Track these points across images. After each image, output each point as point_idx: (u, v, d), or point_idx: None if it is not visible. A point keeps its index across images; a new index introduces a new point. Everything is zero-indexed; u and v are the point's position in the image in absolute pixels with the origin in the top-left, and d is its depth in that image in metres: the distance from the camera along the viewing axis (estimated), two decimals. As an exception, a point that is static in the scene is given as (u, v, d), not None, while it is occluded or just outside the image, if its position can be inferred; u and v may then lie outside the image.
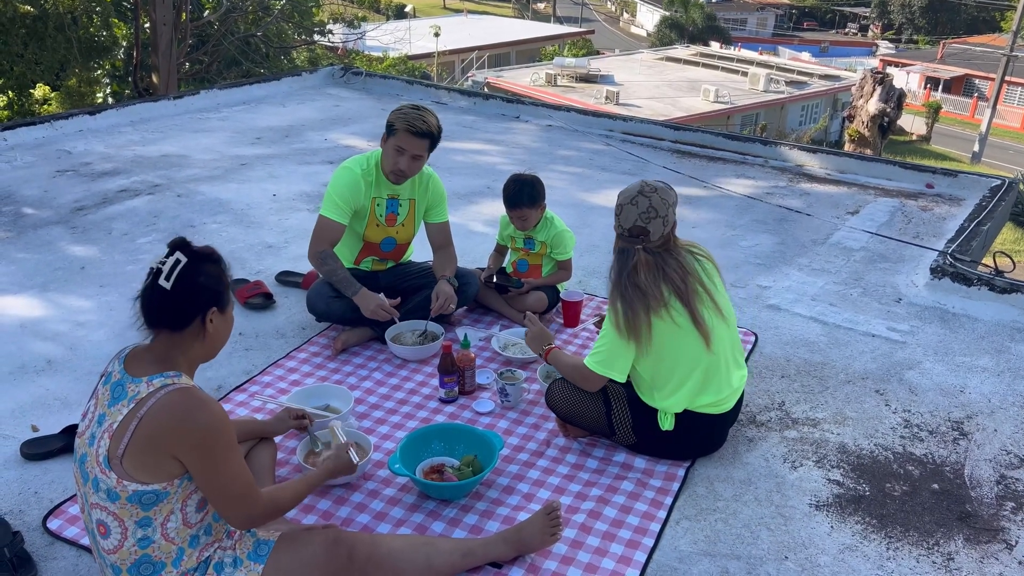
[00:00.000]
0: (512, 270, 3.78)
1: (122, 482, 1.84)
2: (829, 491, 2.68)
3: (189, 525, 1.95)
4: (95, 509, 1.90)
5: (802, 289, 4.08)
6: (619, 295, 2.59)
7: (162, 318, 1.91)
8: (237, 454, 1.93)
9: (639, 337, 2.56)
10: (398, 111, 3.30)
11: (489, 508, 2.56)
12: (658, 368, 2.63)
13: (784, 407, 3.13)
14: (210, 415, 1.86)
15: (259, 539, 2.09)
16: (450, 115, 7.20)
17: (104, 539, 1.91)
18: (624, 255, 2.61)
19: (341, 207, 3.32)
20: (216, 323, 1.97)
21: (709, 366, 2.64)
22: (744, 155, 6.18)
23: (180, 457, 1.85)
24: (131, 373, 1.90)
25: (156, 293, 1.89)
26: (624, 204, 2.61)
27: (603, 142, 6.49)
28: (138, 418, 1.83)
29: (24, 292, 3.88)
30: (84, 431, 1.94)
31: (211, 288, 1.94)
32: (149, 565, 1.92)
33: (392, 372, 3.31)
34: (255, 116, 7.01)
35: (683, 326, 2.58)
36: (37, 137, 6.14)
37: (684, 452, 2.79)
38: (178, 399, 1.85)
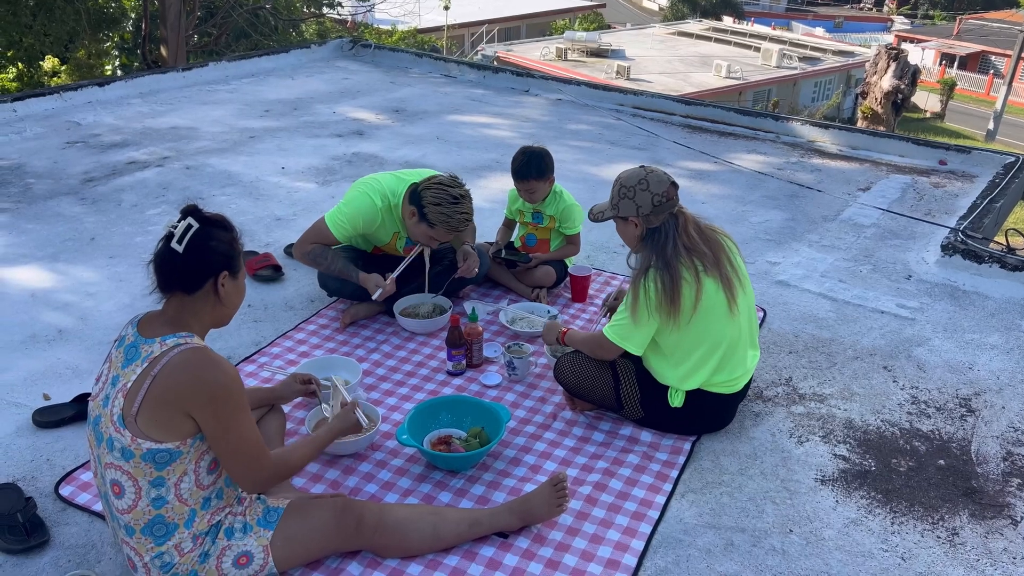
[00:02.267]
0: (520, 244, 3.77)
1: (136, 440, 1.86)
2: (835, 466, 2.68)
3: (202, 487, 1.97)
4: (109, 469, 1.92)
5: (812, 265, 4.06)
6: (664, 270, 2.50)
7: (174, 280, 1.94)
8: (248, 414, 1.95)
9: (678, 308, 2.48)
10: (436, 204, 3.02)
11: (496, 479, 2.58)
12: (683, 341, 2.59)
13: (791, 383, 3.13)
14: (222, 373, 1.89)
15: (268, 506, 2.11)
16: (459, 88, 7.17)
17: (118, 499, 1.93)
18: (663, 228, 2.54)
19: (347, 230, 3.22)
20: (228, 287, 1.98)
21: (732, 340, 2.63)
22: (756, 130, 6.14)
23: (193, 414, 1.87)
24: (144, 335, 1.92)
25: (169, 256, 1.92)
26: (640, 180, 2.56)
27: (613, 116, 6.45)
28: (152, 376, 1.85)
29: (34, 262, 3.90)
30: (98, 394, 1.97)
31: (222, 252, 1.96)
32: (162, 526, 1.95)
33: (400, 345, 3.32)
34: (264, 88, 6.99)
35: (718, 290, 2.56)
36: (46, 108, 6.14)
37: (692, 428, 2.79)
38: (191, 357, 1.87)
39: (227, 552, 2.02)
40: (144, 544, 1.96)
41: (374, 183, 3.23)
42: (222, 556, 2.02)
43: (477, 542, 2.31)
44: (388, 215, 3.25)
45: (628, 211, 2.58)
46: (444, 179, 3.10)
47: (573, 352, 2.87)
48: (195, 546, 1.99)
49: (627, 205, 2.58)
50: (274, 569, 2.09)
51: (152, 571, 1.99)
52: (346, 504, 2.21)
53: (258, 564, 2.07)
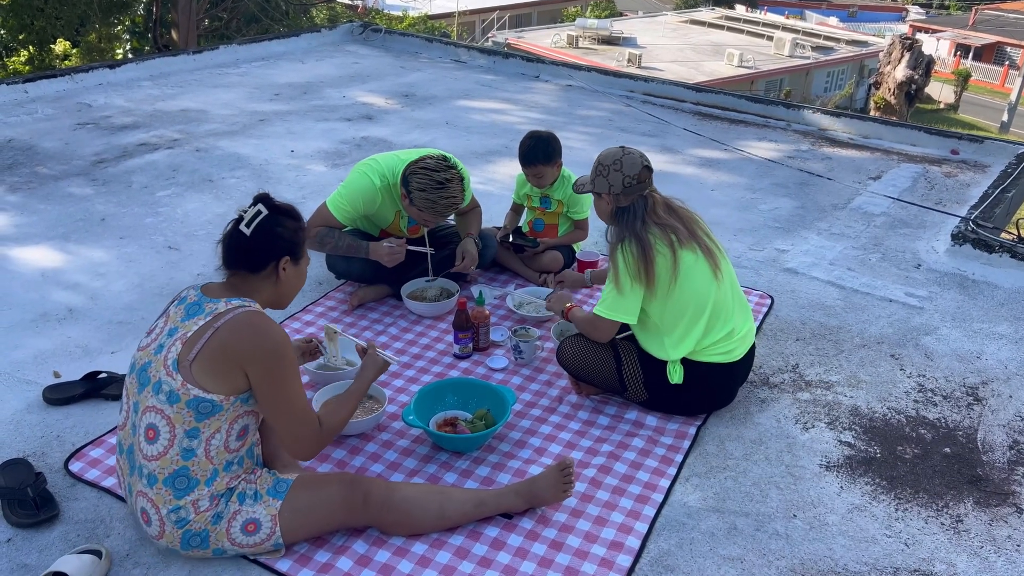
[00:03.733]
0: (528, 229, 3.77)
1: (186, 385, 1.95)
2: (840, 452, 2.68)
3: (228, 450, 2.05)
4: (148, 413, 1.99)
5: (820, 253, 4.05)
6: (634, 240, 2.61)
7: (239, 259, 2.08)
8: (299, 379, 2.07)
9: (652, 278, 2.58)
10: (421, 189, 3.02)
11: (501, 461, 2.59)
12: (669, 308, 2.63)
13: (798, 369, 3.12)
14: (281, 336, 2.03)
15: (278, 478, 2.16)
16: (469, 74, 7.15)
17: (151, 444, 2.00)
18: (632, 208, 2.66)
19: (348, 212, 3.23)
20: (288, 271, 2.12)
21: (717, 302, 2.66)
22: (767, 118, 6.11)
23: (248, 370, 1.97)
24: (210, 297, 2.05)
25: (236, 237, 2.06)
26: (615, 160, 2.67)
27: (624, 103, 6.43)
28: (214, 328, 1.97)
29: (45, 242, 3.92)
30: (149, 344, 2.06)
31: (286, 239, 2.09)
32: (185, 479, 2.01)
33: (407, 327, 3.33)
34: (274, 72, 6.99)
35: (697, 259, 2.64)
36: (58, 90, 6.16)
37: (694, 406, 2.80)
38: (255, 318, 2.01)
39: (237, 517, 2.07)
40: (163, 496, 2.01)
41: (373, 163, 3.25)
42: (232, 520, 2.06)
43: (482, 522, 2.32)
44: (388, 195, 3.25)
45: (601, 188, 2.69)
46: (430, 163, 3.06)
47: (576, 335, 2.87)
48: (211, 506, 2.04)
49: (601, 182, 2.69)
50: (280, 540, 2.12)
51: (167, 525, 2.03)
52: (354, 479, 2.23)
53: (265, 533, 2.10)
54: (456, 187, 3.08)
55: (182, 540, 2.06)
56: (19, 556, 2.18)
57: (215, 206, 4.34)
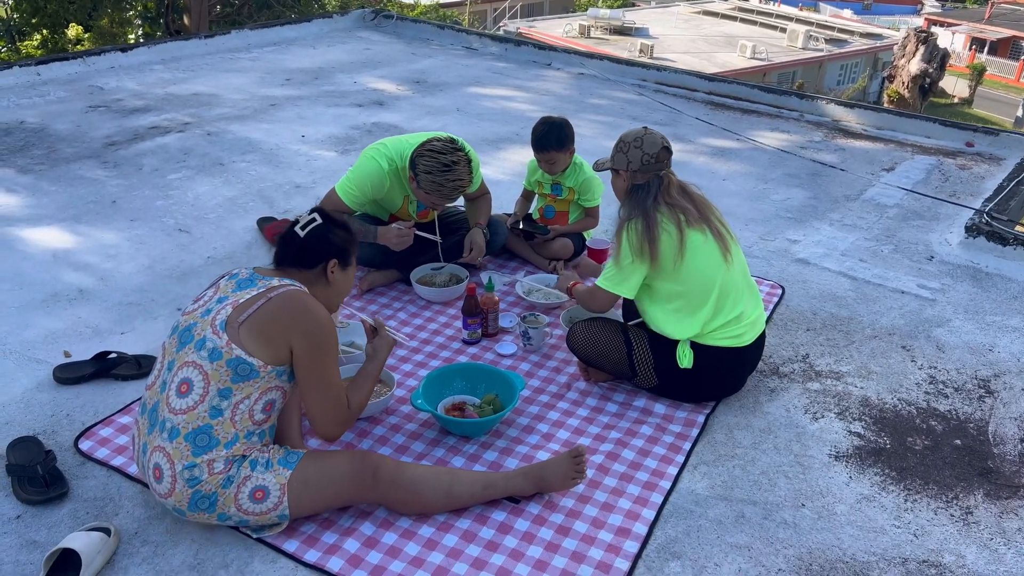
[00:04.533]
0: (539, 216, 3.76)
1: (231, 344, 2.03)
2: (849, 443, 2.67)
3: (253, 420, 2.09)
4: (186, 367, 2.06)
5: (832, 244, 4.03)
6: (641, 217, 2.64)
7: (291, 256, 2.21)
8: (337, 358, 2.18)
9: (656, 256, 2.60)
10: (427, 172, 3.01)
11: (509, 446, 2.59)
12: (677, 287, 2.64)
13: (808, 359, 3.11)
14: (328, 317, 2.13)
15: (289, 449, 2.19)
16: (480, 61, 7.13)
17: (181, 398, 2.05)
18: (647, 186, 2.68)
19: (356, 196, 3.21)
20: (336, 274, 2.24)
21: (726, 283, 2.66)
22: (779, 108, 6.07)
23: (294, 343, 2.06)
24: (262, 275, 2.16)
25: (290, 237, 2.21)
26: (637, 138, 2.71)
27: (635, 92, 6.40)
28: (268, 298, 2.08)
29: (56, 223, 3.93)
30: (195, 309, 2.15)
31: (336, 244, 2.23)
32: (206, 436, 2.05)
33: (416, 313, 3.33)
34: (285, 57, 6.98)
35: (707, 240, 2.65)
36: (70, 73, 6.17)
37: (704, 392, 2.79)
38: (305, 296, 2.13)
39: (247, 483, 2.08)
40: (182, 451, 2.04)
41: (381, 147, 3.24)
42: (242, 486, 2.08)
43: (489, 506, 2.32)
44: (396, 179, 3.24)
45: (619, 164, 2.73)
46: (437, 145, 3.05)
47: (586, 320, 2.87)
48: (224, 469, 2.06)
49: (620, 159, 2.73)
50: (286, 511, 2.12)
51: (178, 483, 2.05)
52: (365, 455, 2.25)
53: (272, 501, 2.10)
54: (463, 169, 3.07)
55: (190, 500, 2.07)
56: (28, 533, 2.19)
57: (225, 190, 4.34)
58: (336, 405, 2.16)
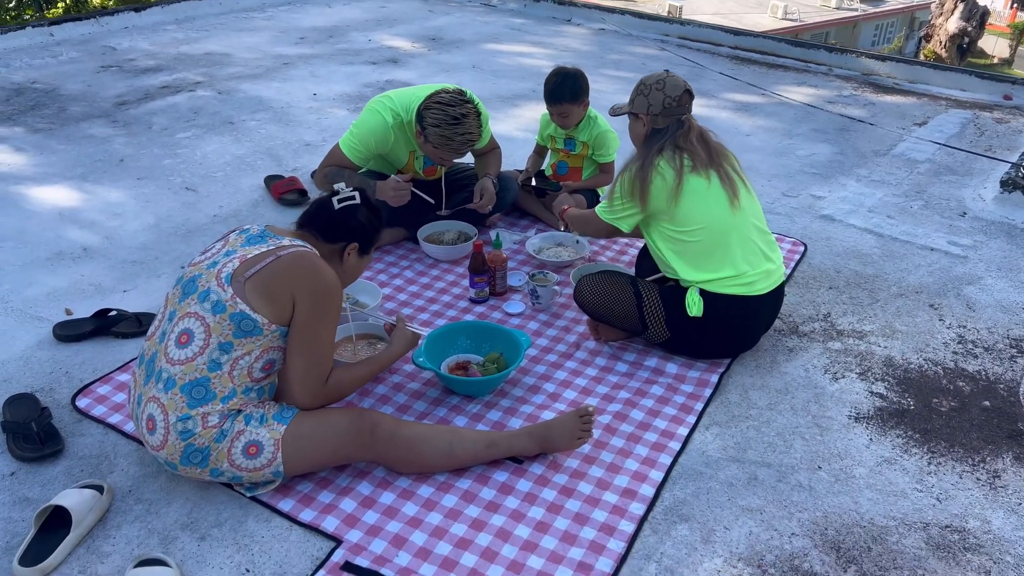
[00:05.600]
0: (551, 172, 3.64)
1: (235, 298, 1.98)
2: (871, 403, 2.55)
3: (252, 377, 2.04)
4: (187, 319, 2.01)
5: (859, 200, 3.86)
6: (641, 160, 2.57)
7: (317, 221, 2.19)
8: (336, 324, 2.13)
9: (646, 198, 2.54)
10: (435, 126, 2.90)
11: (513, 405, 2.50)
12: (679, 230, 2.55)
13: (830, 318, 2.98)
14: (334, 279, 2.08)
15: (286, 405, 2.12)
16: (498, 18, 6.96)
17: (181, 348, 2.00)
18: (666, 130, 2.59)
19: (360, 151, 3.11)
20: (352, 258, 2.22)
21: (731, 229, 2.55)
22: (807, 63, 5.85)
23: (298, 300, 2.01)
24: (274, 233, 2.12)
25: (325, 205, 2.21)
26: (659, 80, 2.60)
27: (658, 47, 6.20)
28: (277, 256, 2.03)
29: (63, 182, 3.89)
30: (202, 261, 2.10)
31: (364, 229, 2.22)
32: (203, 389, 1.99)
33: (423, 271, 3.24)
34: (300, 16, 6.86)
35: (711, 186, 2.55)
36: (83, 33, 6.11)
37: (717, 346, 2.68)
38: (314, 256, 2.09)
39: (240, 437, 2.02)
40: (177, 402, 1.99)
41: (386, 100, 3.12)
42: (235, 440, 2.02)
43: (491, 466, 2.24)
44: (401, 133, 3.13)
45: (640, 108, 2.62)
46: (445, 97, 2.93)
47: (594, 273, 2.77)
48: (219, 423, 2.01)
49: (640, 102, 2.62)
50: (280, 468, 2.06)
51: (171, 435, 1.99)
52: (362, 411, 2.18)
53: (266, 457, 2.04)
54: (473, 122, 2.95)
55: (183, 454, 2.01)
56: (21, 489, 2.16)
57: (234, 147, 4.26)
58: (317, 375, 2.09)
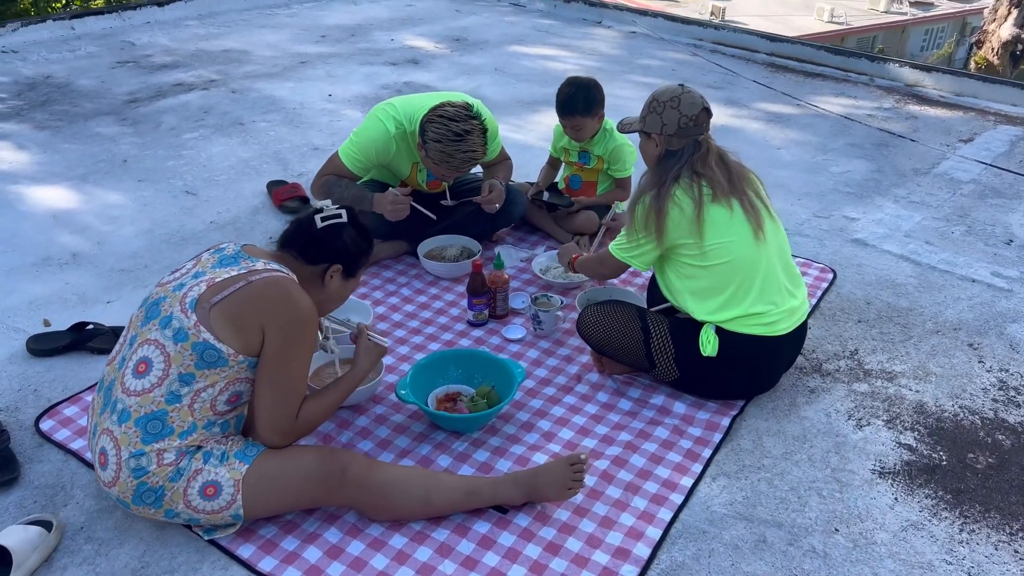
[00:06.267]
0: (564, 186, 3.43)
1: (199, 326, 1.82)
2: (898, 456, 2.31)
3: (215, 411, 1.89)
4: (147, 346, 1.86)
5: (895, 223, 3.60)
6: (656, 189, 2.33)
7: (298, 242, 2.02)
8: (310, 357, 1.97)
9: (662, 231, 2.31)
10: (436, 141, 2.73)
11: (503, 445, 2.31)
12: (698, 266, 2.33)
13: (857, 356, 2.74)
14: (310, 306, 1.91)
15: (250, 442, 1.97)
16: (526, 18, 6.75)
17: (138, 378, 1.85)
18: (681, 153, 2.35)
19: (359, 161, 2.94)
20: (335, 281, 2.04)
21: (756, 263, 2.32)
22: (847, 72, 5.55)
23: (268, 330, 1.85)
24: (249, 255, 1.96)
25: (307, 224, 2.02)
26: (673, 97, 2.35)
27: (690, 52, 5.94)
28: (247, 281, 1.86)
29: (62, 182, 3.77)
30: (169, 282, 1.95)
31: (349, 250, 2.04)
32: (159, 423, 1.84)
33: (422, 289, 3.05)
34: (324, 14, 6.72)
35: (733, 216, 2.31)
36: (104, 27, 6.03)
37: (730, 388, 2.46)
38: (289, 283, 1.91)
39: (197, 477, 1.87)
40: (130, 437, 1.84)
41: (389, 108, 2.94)
42: (192, 480, 1.86)
43: (472, 514, 2.05)
44: (403, 143, 2.95)
45: (653, 127, 2.38)
46: (450, 111, 2.74)
47: (600, 303, 2.56)
48: (175, 460, 1.86)
49: (653, 120, 2.38)
50: (240, 511, 1.90)
51: (123, 471, 1.85)
52: (333, 451, 2.01)
53: (224, 499, 1.88)
54: (476, 139, 2.77)
55: (135, 492, 1.86)
56: (-33, 522, 2.01)
57: (241, 150, 4.12)
58: (286, 412, 1.92)
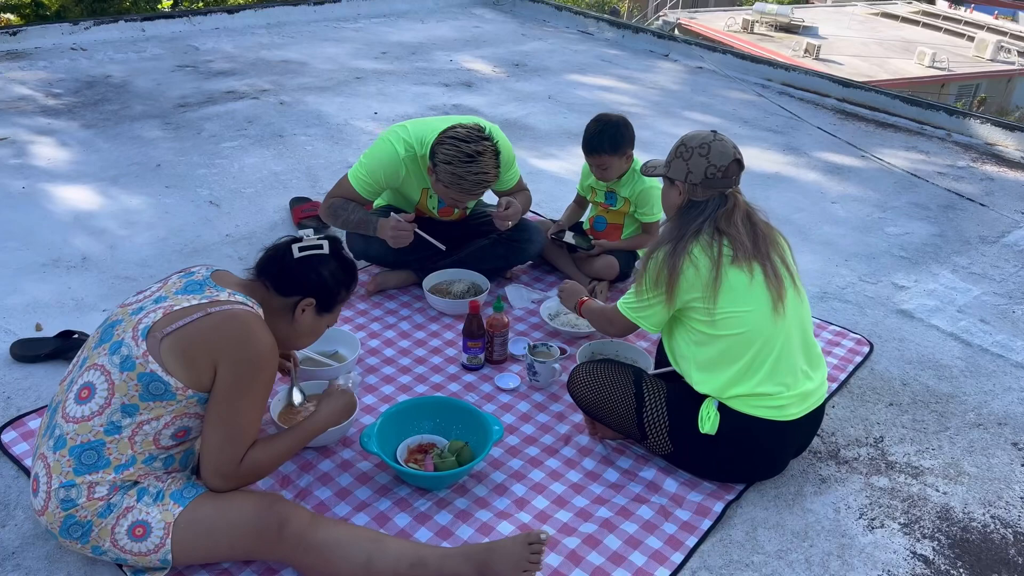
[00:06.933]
0: (588, 227, 3.25)
1: (148, 356, 1.74)
2: (910, 569, 2.04)
3: (158, 444, 1.80)
4: (92, 370, 1.78)
5: (949, 296, 3.28)
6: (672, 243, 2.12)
7: (271, 270, 1.92)
8: (264, 400, 1.85)
9: (673, 291, 2.10)
10: (447, 163, 2.60)
11: (469, 508, 2.13)
12: (707, 333, 2.11)
13: (881, 444, 2.46)
14: (269, 347, 1.81)
15: (193, 482, 1.86)
16: (592, 47, 6.59)
17: (79, 404, 1.77)
18: (704, 205, 2.14)
19: (368, 184, 2.83)
20: (307, 316, 1.94)
21: (772, 338, 2.09)
22: (922, 124, 5.20)
23: (219, 367, 1.76)
24: (216, 283, 1.87)
25: (283, 252, 1.93)
26: (703, 144, 2.14)
27: (756, 92, 5.68)
28: (206, 312, 1.77)
29: (91, 183, 3.79)
30: (131, 304, 1.87)
31: (324, 284, 1.93)
32: (94, 454, 1.76)
33: (422, 324, 2.91)
34: (390, 30, 6.71)
35: (753, 283, 2.09)
36: (173, 31, 6.14)
37: (729, 470, 2.23)
38: (250, 318, 1.81)
39: (127, 515, 1.77)
40: (63, 465, 1.76)
41: (401, 130, 2.82)
42: (121, 518, 1.77)
43: (417, 590, 1.88)
44: (413, 166, 2.83)
45: (677, 173, 2.18)
46: (461, 132, 2.61)
47: (594, 362, 2.36)
48: (106, 495, 1.77)
49: (678, 166, 2.17)
50: (168, 556, 1.79)
51: (51, 501, 1.77)
52: (274, 501, 1.87)
53: (153, 542, 1.77)
54: (488, 162, 2.63)
55: (62, 524, 1.78)
56: (-100, 535, 1.95)
57: (273, 163, 4.07)
58: (230, 456, 1.80)
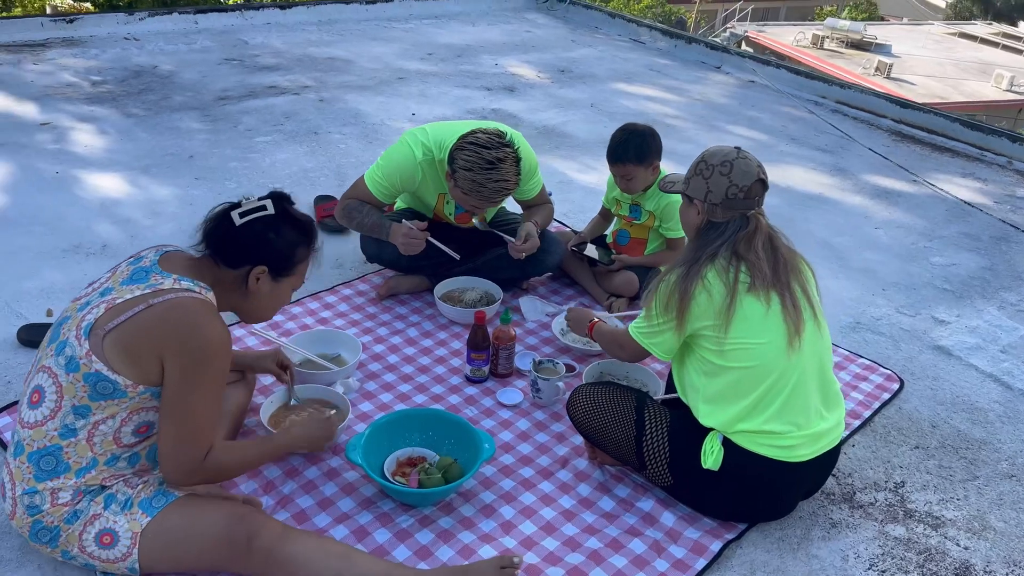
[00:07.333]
0: (611, 241, 3.14)
1: (91, 356, 1.67)
2: (918, 630, 1.89)
3: (119, 443, 1.75)
4: (41, 372, 1.73)
5: (992, 334, 3.08)
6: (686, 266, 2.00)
7: (215, 245, 1.81)
8: (219, 391, 1.77)
9: (683, 316, 1.99)
10: (467, 169, 2.53)
11: (453, 528, 2.04)
12: (716, 363, 1.99)
13: (902, 490, 2.30)
14: (217, 335, 1.71)
15: (163, 490, 1.80)
16: (642, 55, 6.46)
17: (32, 409, 1.73)
18: (724, 227, 2.01)
19: (383, 187, 2.78)
20: (262, 285, 1.83)
21: (785, 373, 1.96)
22: (982, 150, 4.94)
23: (166, 362, 1.68)
24: (163, 268, 1.77)
25: (223, 221, 1.80)
26: (724, 162, 2.02)
27: (807, 109, 5.48)
28: (148, 304, 1.69)
29: (123, 171, 3.82)
30: (81, 296, 1.80)
31: (274, 248, 1.81)
32: (53, 459, 1.71)
33: (430, 332, 2.84)
34: (440, 32, 6.68)
35: (769, 313, 1.96)
36: (225, 24, 6.21)
37: (732, 508, 2.11)
38: (196, 306, 1.71)
39: (95, 522, 1.74)
40: (24, 472, 1.73)
41: (420, 133, 2.76)
42: (89, 525, 1.74)
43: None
44: (431, 170, 2.76)
45: (696, 192, 2.05)
46: (482, 138, 2.54)
47: (596, 384, 2.25)
48: (71, 501, 1.73)
49: (698, 184, 2.05)
50: (136, 565, 1.75)
51: (17, 508, 1.75)
52: (245, 514, 1.81)
53: (120, 551, 1.74)
54: (509, 169, 2.55)
55: (31, 529, 1.76)
56: None
57: (305, 160, 4.06)
58: (190, 451, 1.73)
